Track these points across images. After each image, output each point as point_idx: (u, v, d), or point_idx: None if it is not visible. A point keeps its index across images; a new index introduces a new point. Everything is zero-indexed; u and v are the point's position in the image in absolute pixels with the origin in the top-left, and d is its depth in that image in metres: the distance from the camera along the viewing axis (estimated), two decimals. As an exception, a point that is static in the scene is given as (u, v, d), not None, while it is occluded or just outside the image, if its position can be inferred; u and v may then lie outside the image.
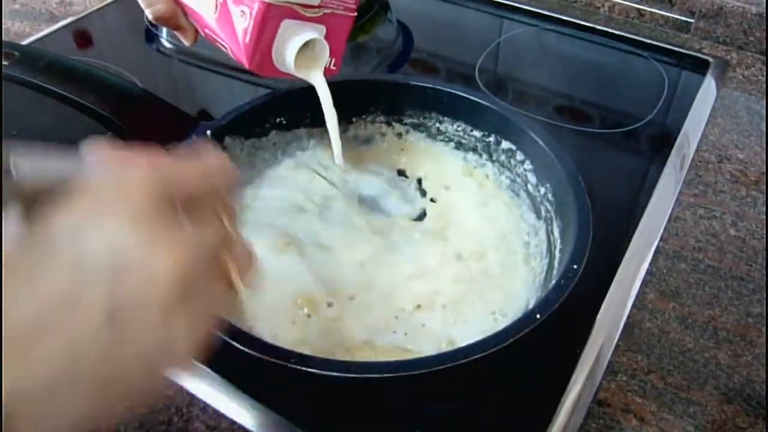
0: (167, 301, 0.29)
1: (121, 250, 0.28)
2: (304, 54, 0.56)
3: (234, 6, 0.54)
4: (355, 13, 0.58)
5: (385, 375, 0.40)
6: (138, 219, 0.29)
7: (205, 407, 0.50)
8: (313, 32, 0.56)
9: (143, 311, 0.28)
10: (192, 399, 0.50)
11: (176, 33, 0.62)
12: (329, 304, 0.53)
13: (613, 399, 0.51)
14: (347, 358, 0.49)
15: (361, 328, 0.51)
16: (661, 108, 0.79)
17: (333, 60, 0.59)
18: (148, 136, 0.61)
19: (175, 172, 0.32)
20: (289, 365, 0.40)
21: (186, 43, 0.62)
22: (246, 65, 0.55)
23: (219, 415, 0.49)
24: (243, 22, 0.53)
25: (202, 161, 0.34)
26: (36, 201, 0.29)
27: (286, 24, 0.54)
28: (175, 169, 0.32)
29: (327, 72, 0.59)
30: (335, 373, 0.40)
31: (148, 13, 0.59)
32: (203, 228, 0.32)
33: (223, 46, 0.57)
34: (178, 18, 0.59)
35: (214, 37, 0.58)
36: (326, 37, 0.57)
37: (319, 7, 0.55)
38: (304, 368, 0.40)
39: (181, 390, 0.50)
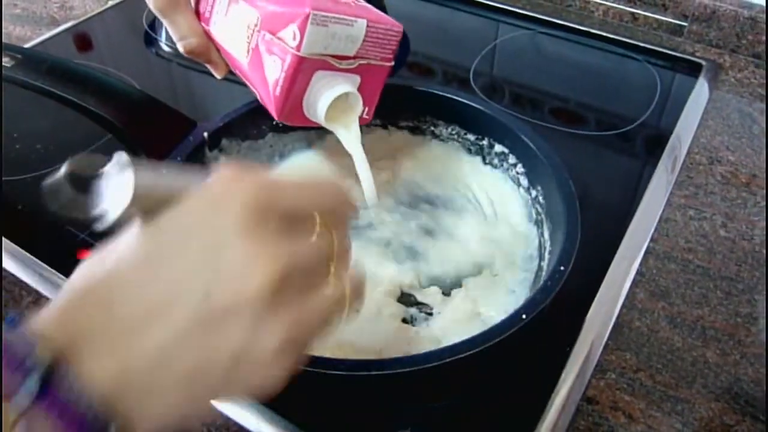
0: (258, 307, 0.30)
1: (219, 255, 0.30)
2: (335, 105, 0.54)
3: (266, 54, 0.52)
4: (392, 63, 0.56)
5: (372, 373, 0.41)
6: (237, 228, 0.31)
7: (201, 404, 0.50)
8: (347, 85, 0.53)
9: (235, 314, 0.30)
10: (188, 396, 0.51)
11: (208, 66, 0.61)
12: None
13: (601, 397, 0.51)
14: (338, 355, 0.49)
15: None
16: (653, 110, 0.79)
17: (366, 109, 0.57)
18: (146, 138, 0.63)
19: (281, 189, 0.33)
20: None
21: (217, 76, 0.61)
22: (275, 116, 0.54)
23: (213, 413, 0.50)
24: (274, 72, 0.51)
25: (311, 182, 0.35)
26: (154, 209, 0.31)
27: (319, 76, 0.52)
28: (281, 186, 0.33)
29: (360, 121, 0.57)
30: (324, 371, 0.40)
31: (180, 47, 0.58)
32: (303, 243, 0.33)
33: (253, 89, 0.56)
34: (210, 53, 0.59)
35: (245, 79, 0.57)
36: (360, 88, 0.55)
37: (354, 58, 0.53)
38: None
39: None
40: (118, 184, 0.31)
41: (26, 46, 0.91)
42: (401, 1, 1.02)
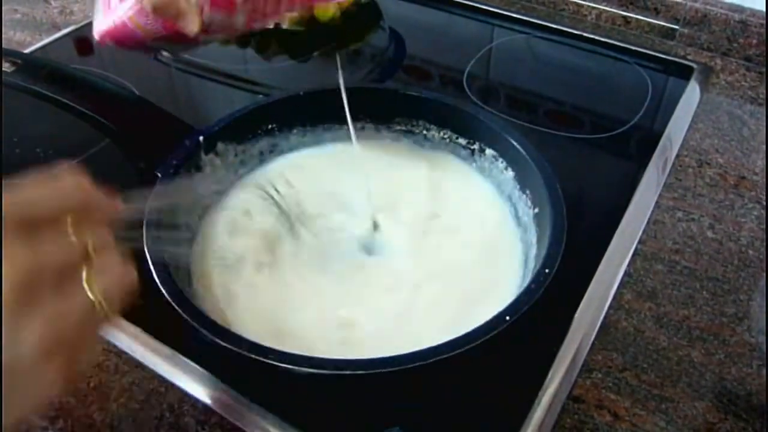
0: (5, 314, 0.29)
1: None
2: None
3: None
4: None
5: (359, 372, 0.42)
6: None
7: (195, 403, 0.52)
8: None
9: None
10: (183, 395, 0.52)
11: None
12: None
13: (587, 396, 0.52)
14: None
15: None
16: (645, 113, 0.80)
17: None
18: (143, 142, 0.64)
19: (10, 197, 0.32)
20: (268, 361, 0.42)
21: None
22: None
23: (208, 411, 0.51)
24: None
25: (53, 184, 0.34)
26: None
27: None
28: (12, 193, 0.32)
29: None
30: (312, 370, 0.42)
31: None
32: (46, 244, 0.32)
33: None
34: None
35: None
36: None
37: None
38: (281, 364, 0.42)
39: (173, 387, 0.53)
40: None
41: (27, 51, 0.93)
42: (398, 5, 1.04)
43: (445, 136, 0.68)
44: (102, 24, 0.54)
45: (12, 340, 0.30)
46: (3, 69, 0.69)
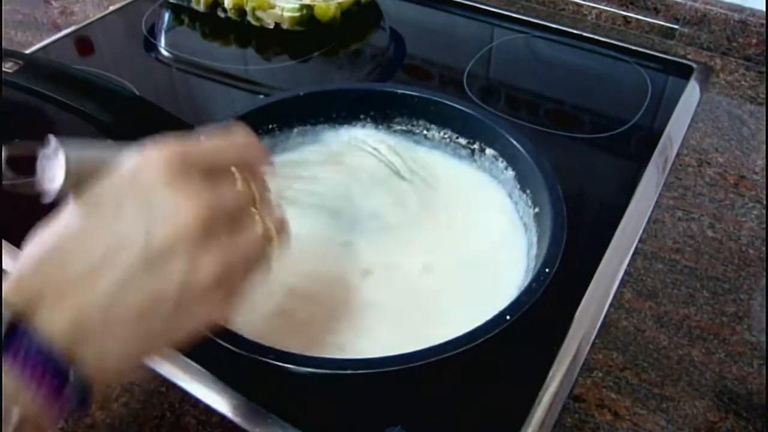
0: (191, 242, 0.35)
1: (151, 204, 0.35)
2: None
3: None
4: None
5: (359, 372, 0.42)
6: (162, 181, 0.35)
7: (196, 403, 0.52)
8: None
9: (173, 251, 0.34)
10: (184, 395, 0.52)
11: None
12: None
13: (588, 395, 0.53)
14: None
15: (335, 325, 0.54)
16: (645, 113, 0.80)
17: None
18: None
19: (196, 147, 0.38)
20: (268, 361, 0.42)
21: None
22: None
23: (209, 411, 0.51)
24: None
25: (225, 137, 0.40)
26: (82, 180, 0.36)
27: None
28: (196, 144, 0.38)
29: None
30: (312, 369, 0.42)
31: None
32: (225, 188, 0.38)
33: None
34: None
35: None
36: None
37: None
38: (281, 364, 0.42)
39: (174, 386, 0.53)
40: (53, 163, 0.35)
41: (28, 51, 0.93)
42: (398, 5, 1.04)
43: (446, 136, 0.68)
44: None
45: (192, 267, 0.35)
46: (4, 69, 0.69)
